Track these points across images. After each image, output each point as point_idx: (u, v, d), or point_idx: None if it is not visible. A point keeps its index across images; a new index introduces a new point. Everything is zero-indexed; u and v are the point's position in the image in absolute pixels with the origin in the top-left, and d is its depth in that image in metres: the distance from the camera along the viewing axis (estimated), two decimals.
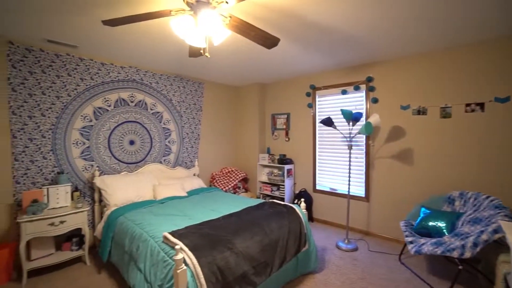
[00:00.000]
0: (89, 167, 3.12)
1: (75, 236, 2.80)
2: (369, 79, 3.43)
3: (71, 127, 2.98)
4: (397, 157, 3.24)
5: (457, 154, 2.83)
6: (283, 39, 2.54)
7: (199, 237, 1.82)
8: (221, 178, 4.43)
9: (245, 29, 1.89)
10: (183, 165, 4.10)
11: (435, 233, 2.39)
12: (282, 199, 4.12)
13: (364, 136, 3.52)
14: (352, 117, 3.13)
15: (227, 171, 4.59)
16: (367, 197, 3.51)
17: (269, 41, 2.08)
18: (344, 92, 3.70)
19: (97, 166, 3.19)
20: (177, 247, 1.51)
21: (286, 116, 4.49)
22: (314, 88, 4.07)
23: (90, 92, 3.11)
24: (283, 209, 2.53)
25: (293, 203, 3.13)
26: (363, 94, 3.54)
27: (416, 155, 3.10)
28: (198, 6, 1.61)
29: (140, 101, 3.57)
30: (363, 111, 3.50)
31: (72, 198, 2.83)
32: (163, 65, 3.56)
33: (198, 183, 3.79)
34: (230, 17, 1.77)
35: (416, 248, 2.22)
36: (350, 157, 3.20)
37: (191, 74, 4.05)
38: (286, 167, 4.16)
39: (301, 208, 2.60)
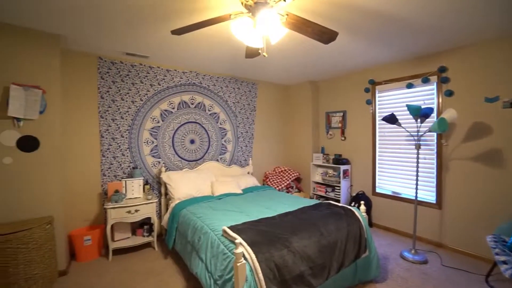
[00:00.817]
0: (156, 164, 3.50)
1: (146, 224, 3.18)
2: (442, 70, 3.00)
3: (143, 128, 3.39)
4: (480, 158, 2.75)
5: None
6: (341, 32, 2.41)
7: (256, 233, 1.86)
8: (274, 177, 4.46)
9: (302, 25, 1.86)
10: (238, 164, 4.27)
11: None
12: (338, 201, 3.93)
13: (435, 135, 3.10)
14: (420, 113, 2.78)
15: (280, 170, 4.59)
16: (439, 204, 3.08)
17: (326, 36, 1.99)
18: (409, 86, 3.32)
19: (163, 163, 3.55)
20: (236, 241, 1.57)
21: (342, 114, 4.26)
22: (373, 83, 3.76)
23: (158, 96, 3.48)
24: (341, 211, 2.41)
25: (350, 206, 2.96)
26: (434, 87, 3.12)
27: (508, 156, 2.58)
28: (257, 7, 1.64)
29: (199, 103, 3.85)
30: (434, 106, 3.09)
31: (144, 191, 3.21)
32: (219, 68, 3.76)
33: (252, 181, 3.89)
34: (287, 14, 1.76)
35: None
36: (417, 158, 2.86)
37: (245, 75, 4.18)
38: (342, 167, 3.95)
39: (360, 211, 2.43)
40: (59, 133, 2.51)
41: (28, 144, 2.35)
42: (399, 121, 2.96)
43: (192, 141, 3.80)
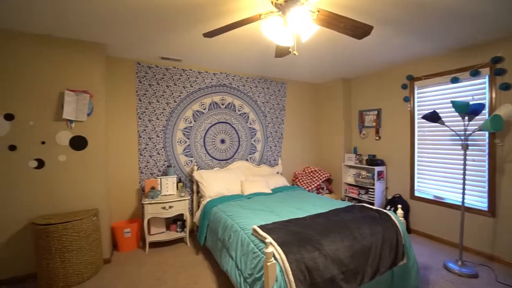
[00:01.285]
0: (189, 162, 3.64)
1: (179, 220, 3.33)
2: (496, 60, 2.68)
3: (176, 128, 3.55)
4: None
5: None
6: (376, 25, 2.28)
7: (287, 234, 1.84)
8: (304, 177, 4.38)
9: (334, 21, 1.79)
10: (267, 163, 4.27)
11: None
12: (371, 204, 3.73)
13: (487, 134, 2.79)
14: (468, 110, 2.53)
15: (310, 170, 4.50)
16: (491, 211, 2.76)
17: (359, 31, 1.90)
18: (454, 80, 3.03)
19: (195, 162, 3.68)
20: (267, 240, 1.57)
21: (376, 112, 4.04)
22: (412, 79, 3.50)
23: (190, 98, 3.63)
24: (376, 214, 2.28)
25: (385, 209, 2.79)
26: (485, 80, 2.81)
27: None
28: (287, 5, 1.62)
29: (229, 103, 3.93)
30: (486, 102, 2.78)
31: (177, 188, 3.36)
32: (249, 69, 3.80)
33: (282, 181, 3.87)
34: (318, 11, 1.71)
35: None
36: (465, 159, 2.59)
37: (274, 75, 4.17)
38: (377, 168, 3.74)
39: (397, 216, 2.28)
40: (103, 133, 2.74)
41: (78, 143, 2.61)
42: (442, 119, 2.72)
43: (222, 141, 3.89)
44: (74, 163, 2.59)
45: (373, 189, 3.79)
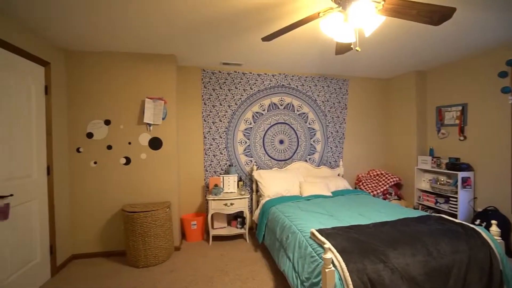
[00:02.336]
0: (249, 162, 3.79)
1: (239, 217, 3.49)
2: None
3: (237, 129, 3.74)
4: None
5: None
6: (459, 5, 1.93)
7: (347, 241, 1.74)
8: (368, 181, 4.04)
9: (404, 9, 1.60)
10: (327, 165, 4.11)
11: None
12: (453, 216, 3.18)
13: None
14: None
15: (375, 173, 4.13)
16: None
17: (437, 16, 1.64)
18: None
19: (255, 162, 3.81)
20: (325, 246, 1.52)
21: (460, 107, 3.42)
22: None
23: (250, 100, 3.77)
24: (459, 229, 1.94)
25: (473, 224, 2.35)
26: None
27: None
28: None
29: (288, 104, 3.93)
30: None
31: (238, 186, 3.53)
32: (307, 68, 3.72)
33: (343, 184, 3.66)
34: (384, 0, 1.56)
35: None
36: None
37: (335, 72, 3.98)
38: (461, 174, 3.17)
39: (491, 233, 1.89)
40: (175, 135, 3.11)
41: (155, 144, 3.02)
42: None
43: (281, 141, 3.92)
44: (152, 161, 3.01)
45: (455, 198, 3.23)
